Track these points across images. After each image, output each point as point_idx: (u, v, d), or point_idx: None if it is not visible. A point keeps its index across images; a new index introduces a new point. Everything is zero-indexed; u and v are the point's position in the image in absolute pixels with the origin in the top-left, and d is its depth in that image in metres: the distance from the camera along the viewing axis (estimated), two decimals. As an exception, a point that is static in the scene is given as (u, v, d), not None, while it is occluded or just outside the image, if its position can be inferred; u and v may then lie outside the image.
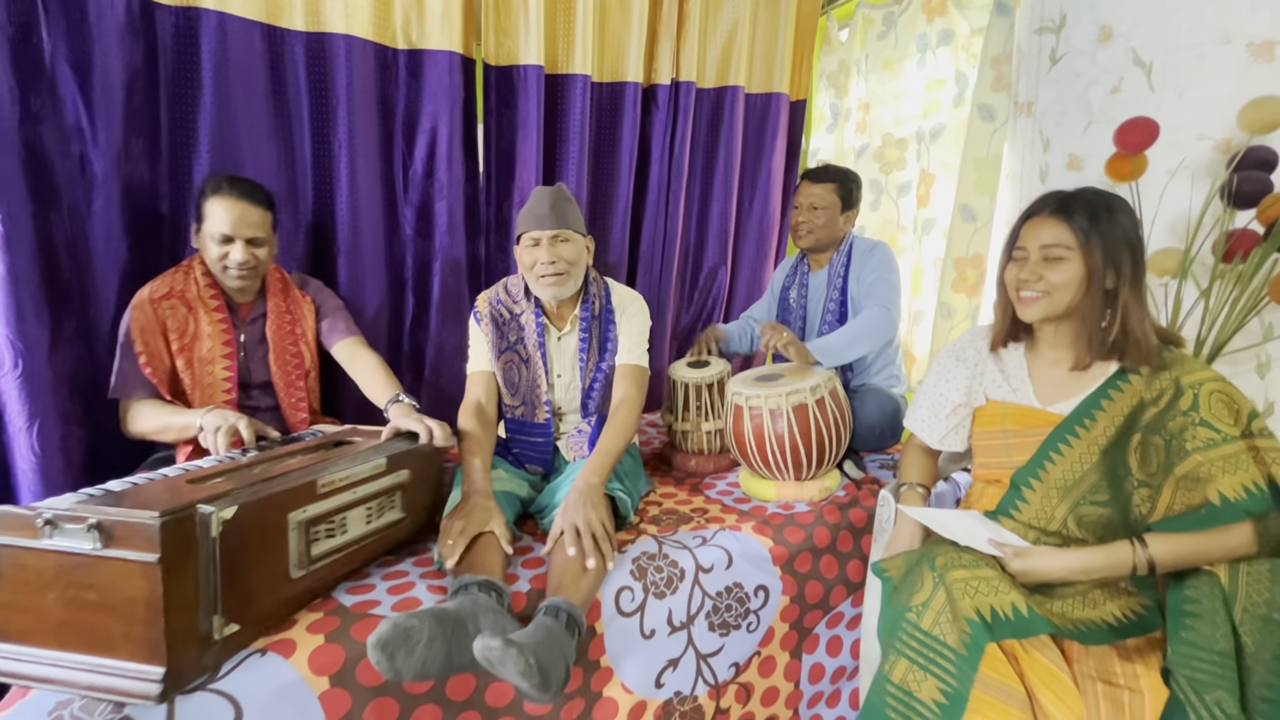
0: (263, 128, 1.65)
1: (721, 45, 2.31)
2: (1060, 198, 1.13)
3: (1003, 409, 1.20)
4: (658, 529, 1.42)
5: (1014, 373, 1.22)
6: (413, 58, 1.80)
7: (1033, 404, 1.18)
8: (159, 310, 1.37)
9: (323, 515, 1.07)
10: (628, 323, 1.59)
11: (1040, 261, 1.11)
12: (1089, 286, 1.08)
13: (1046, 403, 1.17)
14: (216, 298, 1.44)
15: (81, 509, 0.85)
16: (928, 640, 1.01)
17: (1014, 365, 1.22)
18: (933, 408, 1.30)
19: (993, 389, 1.24)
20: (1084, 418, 1.11)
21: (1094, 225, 1.08)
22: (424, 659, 0.90)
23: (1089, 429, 1.11)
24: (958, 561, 1.04)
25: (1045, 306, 1.11)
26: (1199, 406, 1.03)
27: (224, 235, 1.38)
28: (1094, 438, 1.10)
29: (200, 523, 0.87)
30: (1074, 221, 1.09)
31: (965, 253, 2.12)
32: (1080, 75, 1.90)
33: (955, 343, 1.31)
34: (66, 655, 0.86)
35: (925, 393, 1.32)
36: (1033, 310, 1.13)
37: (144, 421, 1.36)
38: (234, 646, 0.94)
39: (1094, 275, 1.08)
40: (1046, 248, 1.10)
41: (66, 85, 1.35)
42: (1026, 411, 1.17)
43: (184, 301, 1.40)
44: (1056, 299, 1.10)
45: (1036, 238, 1.12)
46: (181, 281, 1.42)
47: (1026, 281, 1.12)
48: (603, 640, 1.20)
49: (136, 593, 0.83)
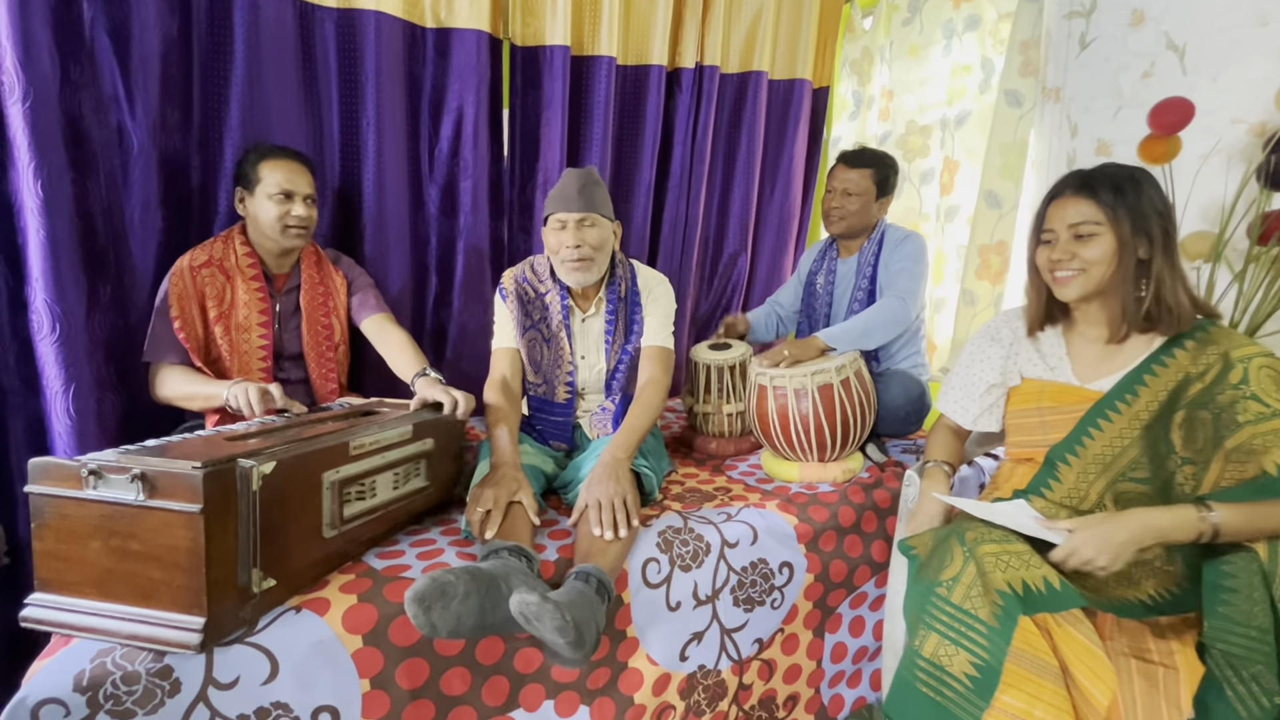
0: (292, 103, 1.66)
1: (746, 30, 2.30)
2: (1081, 175, 1.13)
3: (1039, 386, 1.20)
4: (682, 505, 1.42)
5: (1051, 351, 1.21)
6: (441, 36, 1.81)
7: (1071, 381, 1.17)
8: (198, 278, 1.40)
9: (355, 477, 1.08)
10: (653, 305, 1.59)
11: (1071, 240, 1.11)
12: (1122, 258, 1.08)
13: (1085, 380, 1.16)
14: (254, 267, 1.47)
15: (125, 460, 0.87)
16: (959, 614, 1.01)
17: (1051, 344, 1.22)
18: (966, 389, 1.29)
19: (1028, 368, 1.23)
20: (1125, 393, 1.10)
21: (1119, 197, 1.07)
22: (459, 614, 0.91)
23: (1130, 404, 1.10)
24: (988, 536, 1.03)
25: (1082, 283, 1.10)
26: (1249, 380, 1.02)
27: (286, 191, 1.43)
28: (1135, 413, 1.09)
29: (241, 476, 0.88)
30: (1099, 196, 1.08)
31: (990, 240, 2.11)
32: (1110, 60, 1.89)
33: (989, 324, 1.30)
34: (108, 605, 0.87)
35: (958, 374, 1.31)
36: (1070, 289, 1.12)
37: (171, 386, 1.37)
38: (270, 602, 0.95)
39: (1125, 246, 1.07)
40: (1075, 226, 1.10)
41: (105, 54, 1.36)
42: (1064, 389, 1.17)
43: (222, 270, 1.43)
44: (1092, 275, 1.09)
45: (1063, 218, 1.11)
46: (220, 250, 1.44)
47: (1060, 261, 1.12)
48: (629, 610, 1.20)
49: (179, 542, 0.84)
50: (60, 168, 1.28)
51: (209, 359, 1.42)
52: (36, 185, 1.25)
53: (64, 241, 1.29)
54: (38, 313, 1.29)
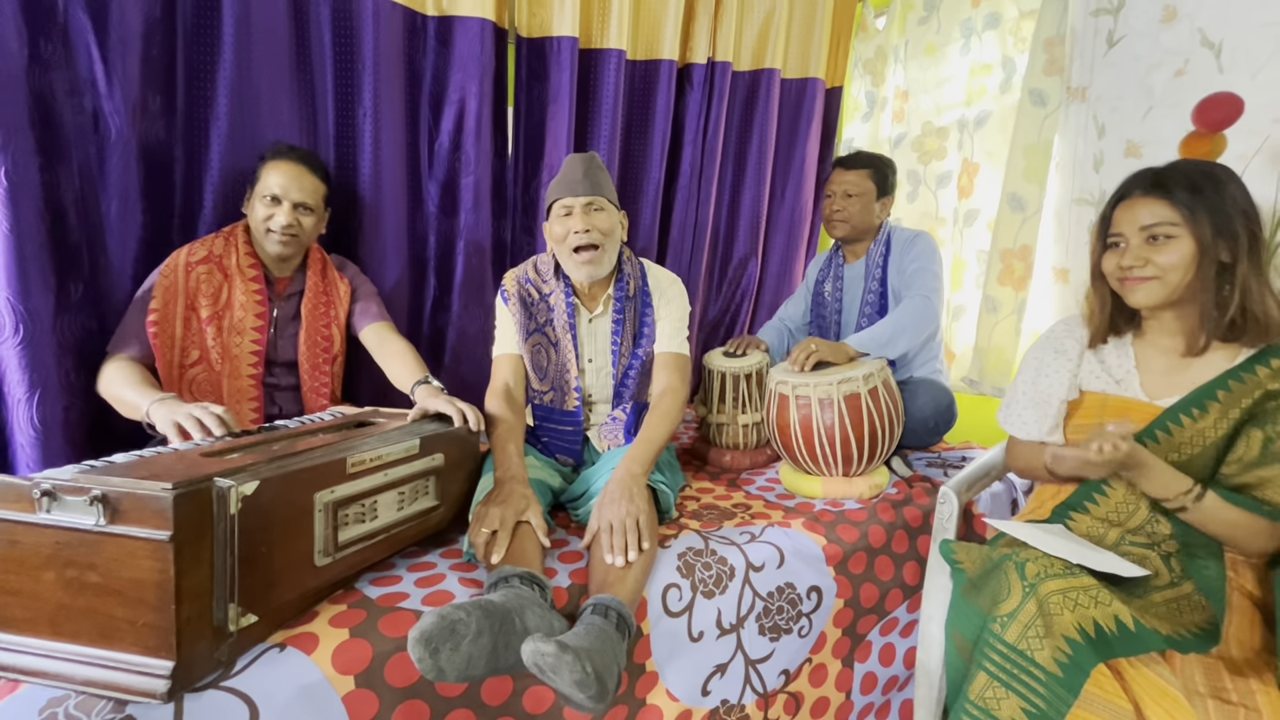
0: (284, 92, 1.56)
1: (759, 26, 2.22)
2: (1152, 174, 1.04)
3: (1102, 400, 1.10)
4: (700, 524, 1.32)
5: (1118, 364, 1.12)
6: (443, 24, 1.71)
7: (1138, 397, 1.07)
8: (191, 275, 1.31)
9: (352, 497, 0.97)
10: (666, 307, 1.49)
11: (1144, 245, 1.02)
12: (1202, 263, 0.99)
13: (1154, 396, 1.06)
14: (255, 268, 1.39)
15: (84, 479, 0.76)
16: (1012, 655, 0.91)
17: (1118, 356, 1.12)
18: (1038, 405, 1.17)
19: (1090, 381, 1.14)
20: (1193, 407, 1.01)
21: (1197, 197, 0.98)
22: (469, 655, 0.80)
23: (1195, 420, 1.01)
24: (1051, 569, 0.93)
25: (1157, 291, 1.01)
26: None
27: (273, 196, 1.36)
28: (1200, 430, 1.00)
29: (218, 497, 0.78)
30: (1174, 196, 1.00)
31: (1013, 244, 2.02)
32: (1141, 58, 1.81)
33: (1051, 335, 1.20)
34: (63, 646, 0.76)
35: (1021, 389, 1.21)
36: (1143, 294, 1.02)
37: (108, 382, 1.23)
38: (250, 640, 0.84)
39: (1206, 250, 0.98)
40: (1148, 228, 1.01)
41: (80, 32, 1.26)
42: (1130, 404, 1.07)
43: (221, 268, 1.35)
44: (1168, 281, 1.00)
45: (1134, 220, 1.03)
46: (222, 247, 1.36)
47: (1132, 268, 1.02)
48: (649, 642, 1.09)
49: (145, 575, 0.73)
50: (27, 153, 1.17)
51: (185, 362, 1.31)
52: (0, 172, 1.14)
53: (30, 234, 1.18)
54: (-1, 313, 1.18)
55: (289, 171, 1.38)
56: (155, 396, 1.15)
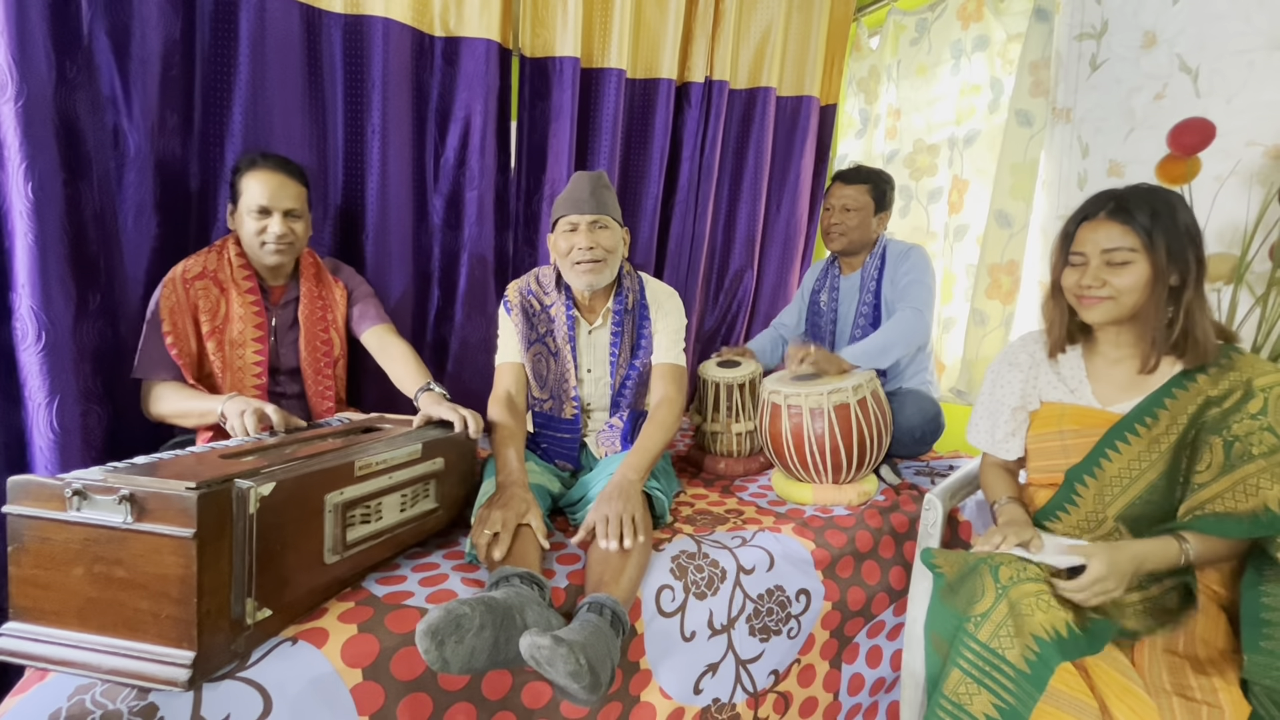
0: (296, 110, 1.62)
1: (755, 46, 2.29)
2: (1116, 197, 1.09)
3: (1060, 410, 1.16)
4: (694, 528, 1.37)
5: (1071, 374, 1.18)
6: (450, 45, 1.77)
7: (1092, 404, 1.13)
8: (191, 290, 1.33)
9: (359, 499, 1.02)
10: (663, 320, 1.54)
11: (1103, 266, 1.07)
12: (1155, 286, 1.04)
13: (1106, 403, 1.13)
14: (249, 279, 1.40)
15: (113, 479, 0.81)
16: (984, 653, 0.96)
17: (1071, 367, 1.18)
18: (991, 416, 1.25)
19: (1048, 391, 1.20)
20: (1145, 415, 1.07)
21: (1156, 224, 1.03)
22: (473, 648, 0.85)
23: (1149, 427, 1.06)
24: (1024, 574, 0.98)
25: (1111, 310, 1.07)
26: (1269, 411, 0.99)
27: (261, 207, 1.35)
28: (1155, 436, 1.06)
29: (238, 498, 0.83)
30: (1135, 222, 1.04)
31: (1000, 259, 2.08)
32: (1122, 81, 1.88)
33: (1007, 349, 1.27)
34: (90, 637, 0.81)
35: (982, 402, 1.28)
36: (1097, 313, 1.08)
37: (165, 404, 1.31)
38: (265, 633, 0.89)
39: (1159, 275, 1.04)
40: (1109, 252, 1.06)
41: (103, 54, 1.32)
42: (1085, 411, 1.13)
43: (216, 282, 1.37)
44: (1123, 302, 1.06)
45: (1096, 241, 1.07)
46: (214, 262, 1.38)
47: (1090, 287, 1.08)
48: (643, 641, 1.14)
49: (169, 570, 0.78)
50: (52, 169, 1.22)
51: (202, 374, 1.35)
52: (27, 187, 1.20)
53: (53, 246, 1.23)
54: (22, 320, 1.23)
55: (271, 181, 1.36)
56: (224, 397, 1.25)
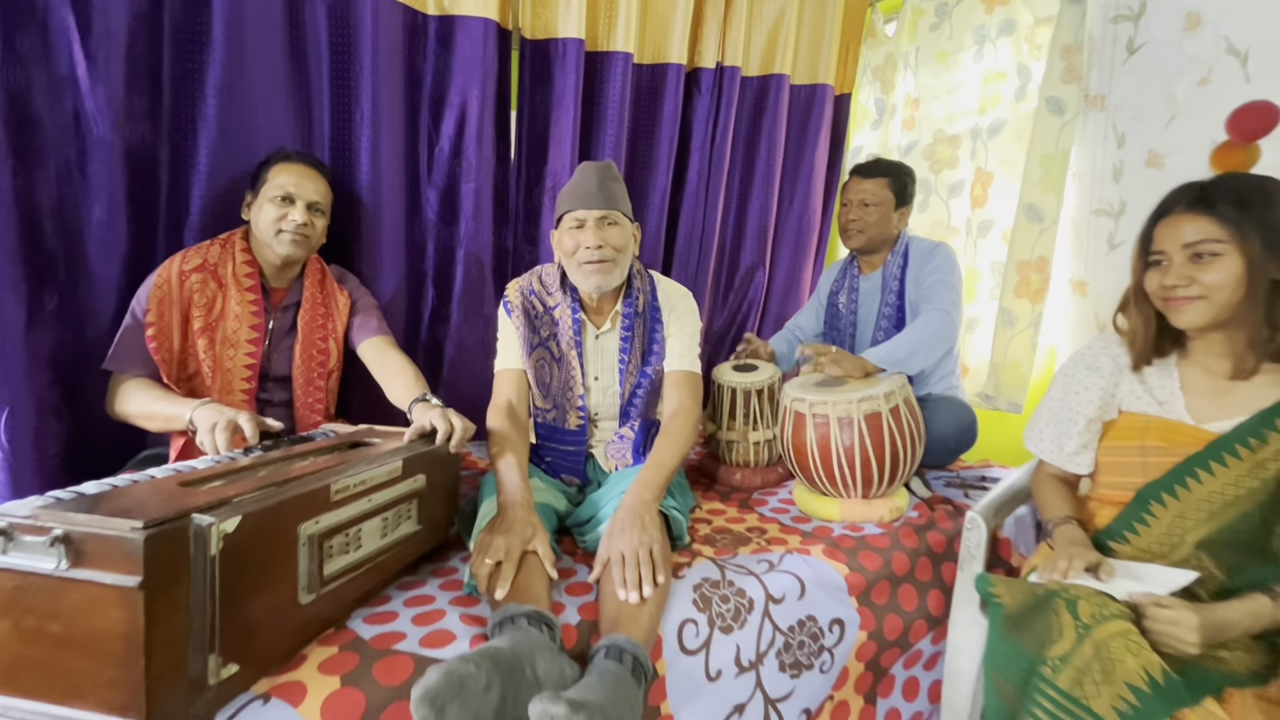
0: (277, 94, 1.49)
1: (768, 30, 2.16)
2: (1196, 188, 0.99)
3: (1144, 422, 1.04)
4: (714, 550, 1.25)
5: (1161, 384, 1.05)
6: (444, 24, 1.64)
7: (1183, 419, 1.01)
8: (186, 283, 1.24)
9: (337, 527, 0.89)
10: (677, 324, 1.42)
11: (1188, 263, 0.96)
12: (1252, 281, 0.93)
13: (1201, 419, 1.00)
14: (252, 277, 1.32)
15: (45, 516, 0.68)
16: (1065, 703, 0.84)
17: (1161, 377, 1.06)
18: (1061, 424, 1.13)
19: (1130, 401, 1.07)
20: (1251, 435, 0.94)
21: (1245, 212, 0.93)
22: (477, 712, 0.72)
23: (1255, 450, 0.94)
24: (1106, 610, 0.86)
25: (1205, 310, 0.95)
26: None
27: (286, 195, 1.32)
28: (1260, 460, 0.94)
29: (196, 537, 0.70)
30: (1219, 212, 0.94)
31: (1029, 256, 1.97)
32: (1163, 66, 1.76)
33: (1085, 350, 1.14)
34: (19, 702, 0.68)
35: (1050, 408, 1.15)
36: (1189, 316, 0.97)
37: (131, 403, 1.19)
38: (231, 691, 0.76)
39: (1256, 268, 0.92)
40: (1191, 245, 0.95)
41: (61, 29, 1.18)
42: (1175, 427, 1.01)
43: (215, 277, 1.28)
44: (1216, 301, 0.94)
45: (1176, 237, 0.97)
46: (217, 255, 1.30)
47: (1176, 287, 0.97)
48: (664, 683, 1.02)
49: (111, 625, 0.65)
50: (0, 153, 1.09)
51: (184, 374, 1.24)
52: (-31, 175, 1.07)
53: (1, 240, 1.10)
54: (-34, 324, 1.10)
55: (300, 172, 1.35)
56: (195, 403, 1.13)
